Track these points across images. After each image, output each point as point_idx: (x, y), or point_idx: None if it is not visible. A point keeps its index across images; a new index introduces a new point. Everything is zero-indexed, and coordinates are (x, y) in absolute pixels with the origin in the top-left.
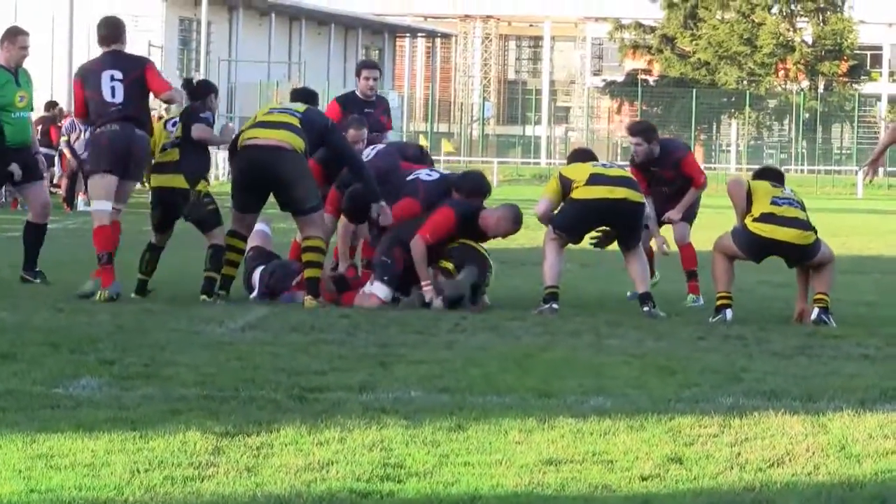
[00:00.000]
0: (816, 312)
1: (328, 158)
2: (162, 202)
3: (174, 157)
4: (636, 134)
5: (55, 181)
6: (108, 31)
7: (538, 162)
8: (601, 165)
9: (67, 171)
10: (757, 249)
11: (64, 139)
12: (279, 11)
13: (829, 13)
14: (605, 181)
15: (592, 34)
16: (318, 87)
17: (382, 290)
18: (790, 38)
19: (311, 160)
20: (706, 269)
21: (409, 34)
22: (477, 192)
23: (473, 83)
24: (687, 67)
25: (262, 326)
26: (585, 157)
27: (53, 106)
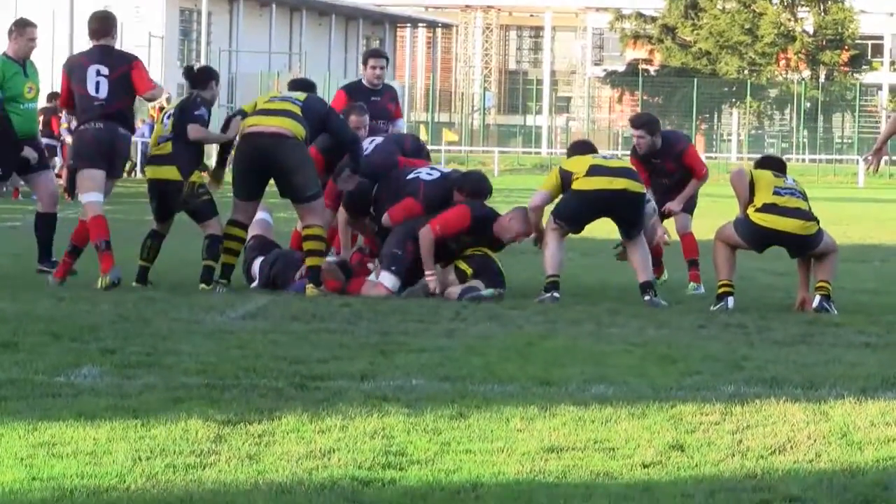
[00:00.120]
0: (818, 300)
1: (330, 147)
2: (157, 194)
3: (168, 150)
4: (639, 126)
5: (57, 171)
6: (98, 24)
7: (539, 151)
8: (601, 157)
9: (68, 160)
10: (759, 239)
11: (64, 126)
12: (280, 2)
13: (829, 3)
14: (605, 172)
15: (593, 24)
16: (318, 77)
17: (390, 279)
18: (791, 27)
19: (312, 150)
20: (706, 256)
21: (409, 24)
22: (478, 192)
23: (474, 73)
24: (688, 57)
25: (263, 315)
26: (585, 149)
27: (55, 97)
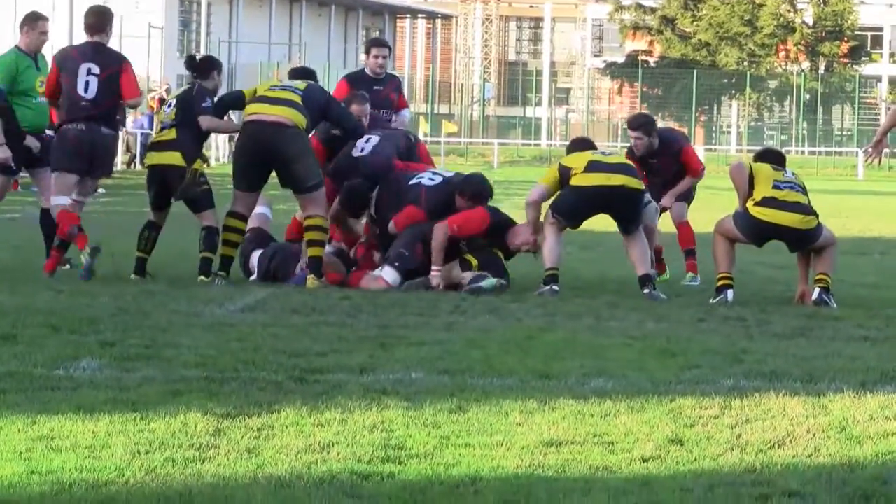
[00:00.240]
0: (817, 292)
1: (332, 137)
2: (158, 179)
3: (172, 136)
4: (636, 128)
5: None
6: (94, 19)
7: (538, 143)
8: (600, 153)
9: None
10: (758, 233)
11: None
12: None
13: None
14: (603, 168)
15: (593, 15)
16: (318, 68)
17: (391, 274)
18: (791, 18)
19: (314, 140)
20: (704, 248)
21: (409, 15)
22: (480, 195)
23: (474, 64)
24: (687, 48)
25: (262, 308)
26: (584, 145)
27: None
